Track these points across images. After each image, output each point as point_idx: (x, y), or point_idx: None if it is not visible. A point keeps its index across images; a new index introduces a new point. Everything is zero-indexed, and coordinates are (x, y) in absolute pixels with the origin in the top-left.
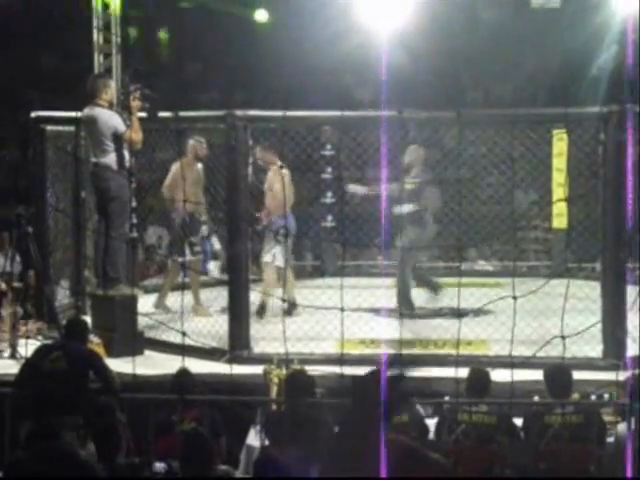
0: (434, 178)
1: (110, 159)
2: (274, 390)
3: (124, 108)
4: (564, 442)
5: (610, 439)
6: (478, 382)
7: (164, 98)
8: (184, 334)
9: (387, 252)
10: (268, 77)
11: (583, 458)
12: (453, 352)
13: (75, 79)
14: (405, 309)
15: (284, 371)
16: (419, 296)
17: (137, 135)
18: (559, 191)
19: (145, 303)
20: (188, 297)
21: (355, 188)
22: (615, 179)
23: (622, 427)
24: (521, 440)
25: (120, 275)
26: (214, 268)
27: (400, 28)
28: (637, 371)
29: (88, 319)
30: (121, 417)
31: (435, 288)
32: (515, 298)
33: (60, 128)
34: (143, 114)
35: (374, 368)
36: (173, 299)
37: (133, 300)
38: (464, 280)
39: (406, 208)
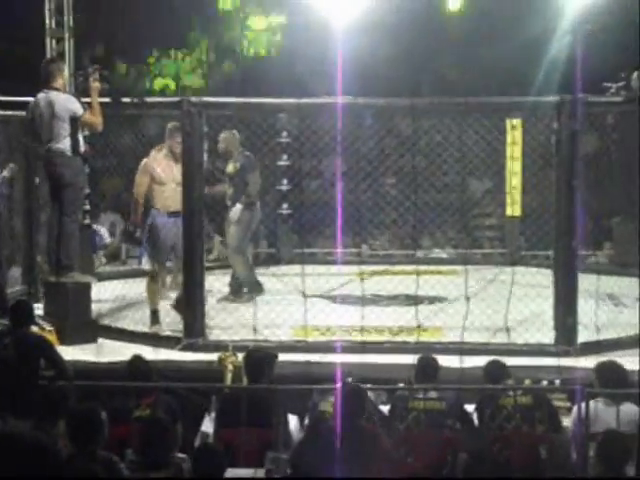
0: (254, 162)
1: (64, 144)
2: (229, 377)
3: (83, 90)
4: (516, 423)
5: (566, 423)
6: (426, 369)
7: (119, 84)
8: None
9: (343, 239)
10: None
11: (534, 440)
12: (408, 339)
13: (25, 63)
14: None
15: (239, 358)
16: (378, 285)
17: (97, 118)
18: (513, 179)
19: (99, 291)
20: (143, 285)
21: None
22: (567, 167)
23: (575, 412)
24: (474, 424)
25: (73, 262)
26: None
27: (356, 18)
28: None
29: (41, 306)
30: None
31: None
32: (468, 299)
33: (10, 113)
34: (104, 99)
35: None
36: (128, 286)
37: (86, 287)
38: (419, 268)
39: (238, 207)
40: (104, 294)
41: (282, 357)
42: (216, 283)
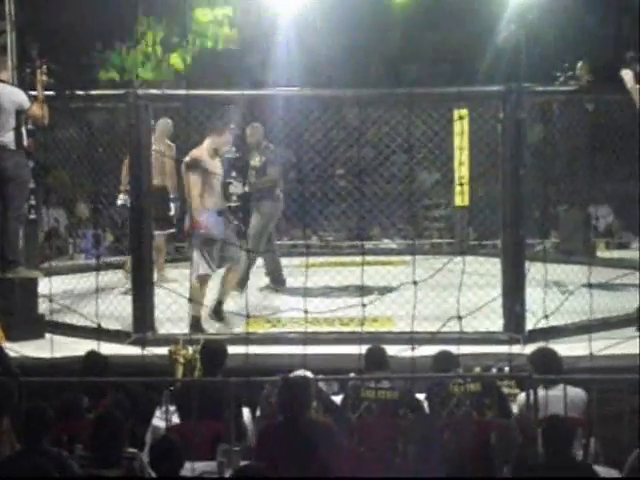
0: (277, 155)
1: (8, 138)
2: (180, 371)
3: (29, 83)
4: (465, 410)
5: (513, 409)
6: (374, 359)
7: (64, 76)
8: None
9: (293, 231)
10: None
11: (484, 427)
12: (358, 329)
13: None
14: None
15: (190, 351)
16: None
17: (44, 111)
18: (461, 169)
19: (45, 286)
20: (91, 279)
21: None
22: (513, 157)
23: (521, 398)
24: (425, 413)
25: (19, 258)
26: None
27: (305, 7)
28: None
29: None
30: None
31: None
32: (415, 283)
33: None
34: (49, 92)
35: None
36: (75, 281)
37: (33, 283)
38: (369, 258)
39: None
40: (52, 289)
41: (233, 349)
42: None
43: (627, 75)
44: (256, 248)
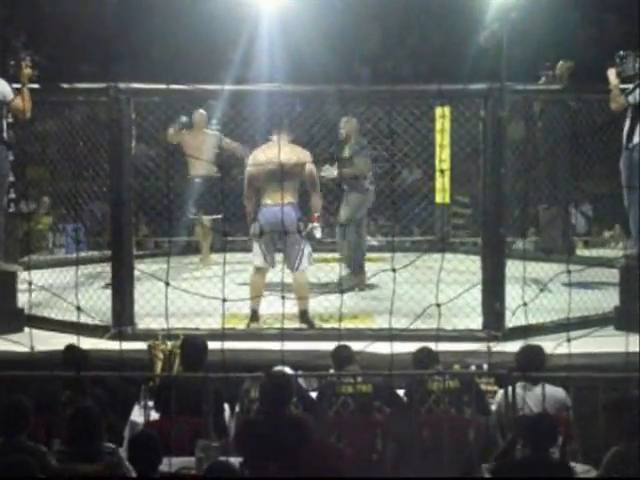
0: (365, 147)
1: None
2: (159, 366)
3: (13, 76)
4: (444, 406)
5: (493, 407)
6: (342, 357)
7: (49, 69)
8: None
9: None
10: (150, 50)
11: (462, 424)
12: (337, 326)
13: None
14: (356, 275)
15: (169, 346)
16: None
17: (27, 104)
18: (442, 167)
19: (25, 279)
20: (71, 273)
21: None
22: (494, 155)
23: (500, 395)
24: (402, 406)
25: None
26: None
27: (287, 2)
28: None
29: None
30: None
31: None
32: (394, 270)
33: None
34: (34, 85)
35: None
36: (55, 275)
37: (12, 276)
38: None
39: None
40: (32, 283)
41: (212, 345)
42: None
43: (612, 74)
44: (358, 239)
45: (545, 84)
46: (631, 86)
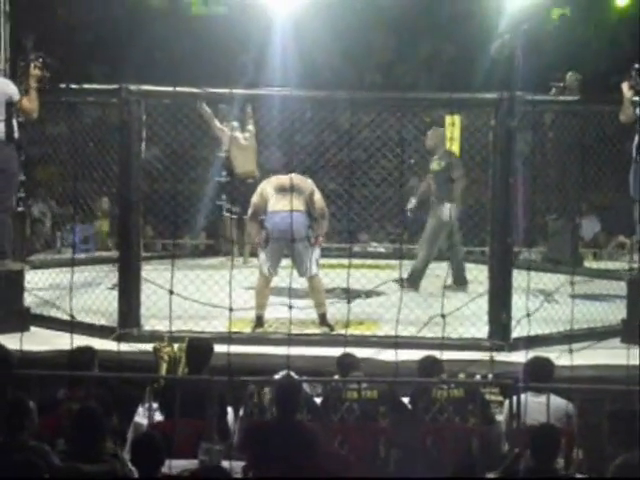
0: (459, 161)
1: None
2: (164, 368)
3: (22, 76)
4: (448, 415)
5: (499, 417)
6: (347, 364)
7: (61, 70)
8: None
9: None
10: (162, 53)
11: (466, 433)
12: (343, 332)
13: None
14: (411, 285)
15: (175, 349)
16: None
17: (33, 104)
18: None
19: (31, 279)
20: (77, 274)
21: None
22: (503, 165)
23: (507, 405)
24: (407, 413)
25: (6, 249)
26: None
27: (299, 9)
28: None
29: None
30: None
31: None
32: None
33: None
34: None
35: None
36: (62, 275)
37: (19, 275)
38: (356, 262)
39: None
40: (38, 283)
41: (217, 348)
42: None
43: (625, 86)
44: (430, 252)
45: (555, 95)
46: None
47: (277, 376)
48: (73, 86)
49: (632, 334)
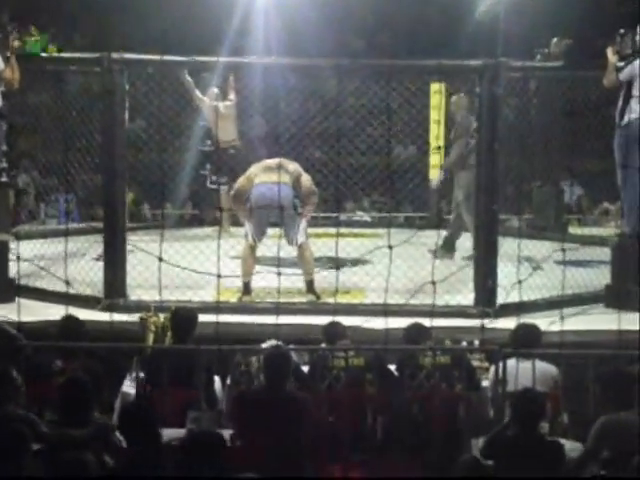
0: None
1: None
2: (151, 337)
3: (1, 47)
4: (435, 382)
5: (485, 383)
6: (334, 332)
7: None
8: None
9: None
10: (145, 21)
11: (453, 399)
12: (331, 300)
13: None
14: (445, 253)
15: (161, 319)
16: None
17: (15, 74)
18: (437, 143)
19: (16, 250)
20: (62, 245)
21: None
22: (489, 131)
23: (493, 371)
24: (394, 381)
25: None
26: None
27: None
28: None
29: None
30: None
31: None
32: (391, 247)
33: None
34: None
35: None
36: (47, 246)
37: (4, 246)
38: (342, 231)
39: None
40: (23, 254)
41: (204, 318)
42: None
43: (610, 52)
44: (467, 218)
45: (540, 62)
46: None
47: (264, 345)
48: (56, 54)
49: (616, 299)
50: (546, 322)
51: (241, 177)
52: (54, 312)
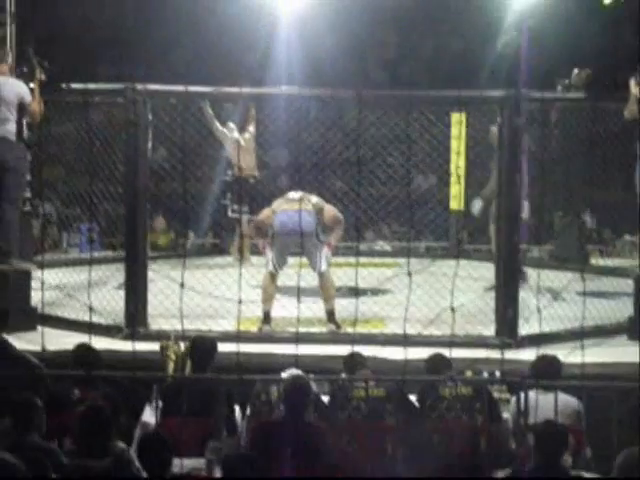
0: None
1: (9, 130)
2: (171, 366)
3: (27, 79)
4: (456, 413)
5: (505, 415)
6: (354, 363)
7: (60, 70)
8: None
9: None
10: (167, 52)
11: (474, 430)
12: (350, 330)
13: None
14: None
15: (182, 347)
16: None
17: (40, 107)
18: (457, 173)
19: (39, 278)
20: (83, 274)
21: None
22: (509, 163)
23: (514, 403)
24: (414, 413)
25: (13, 249)
26: None
27: (305, 7)
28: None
29: None
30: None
31: None
32: (410, 275)
33: None
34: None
35: None
36: (68, 274)
37: (26, 275)
38: (363, 260)
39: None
40: (45, 282)
41: (225, 347)
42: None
43: (633, 83)
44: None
45: (561, 92)
46: None
47: (284, 374)
48: (79, 86)
49: (638, 331)
50: (567, 353)
51: (265, 210)
52: (75, 341)
